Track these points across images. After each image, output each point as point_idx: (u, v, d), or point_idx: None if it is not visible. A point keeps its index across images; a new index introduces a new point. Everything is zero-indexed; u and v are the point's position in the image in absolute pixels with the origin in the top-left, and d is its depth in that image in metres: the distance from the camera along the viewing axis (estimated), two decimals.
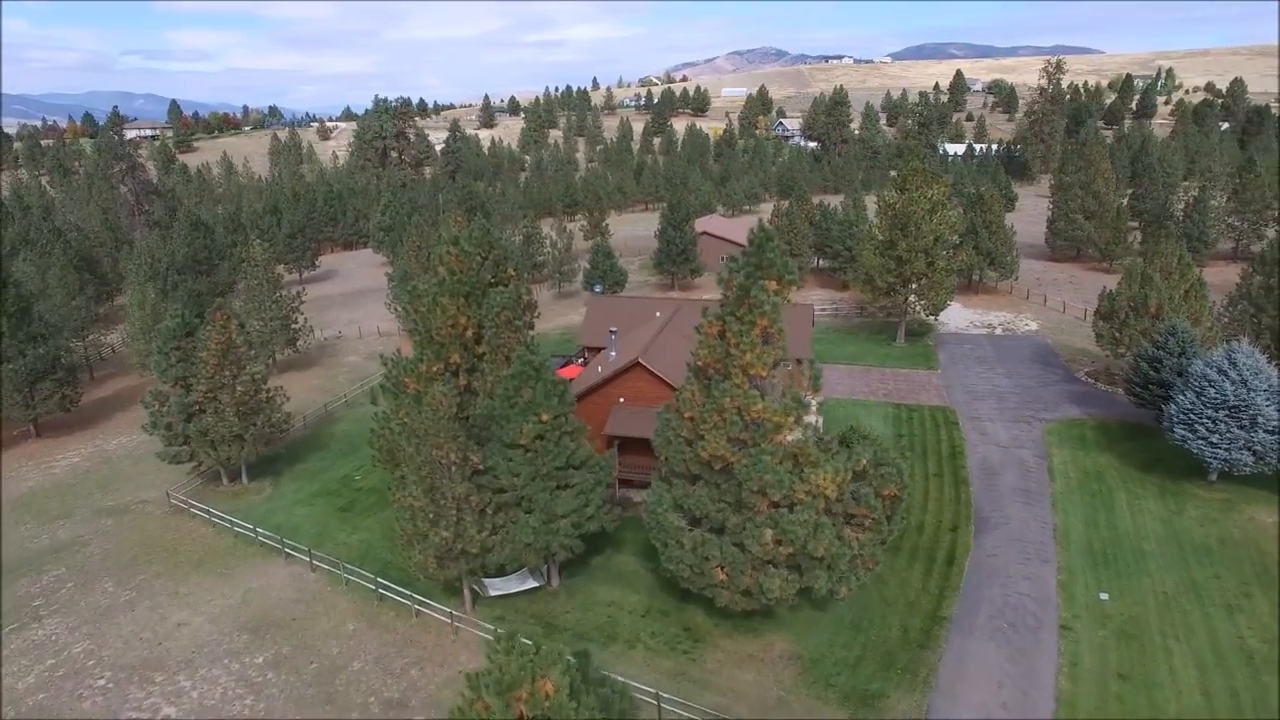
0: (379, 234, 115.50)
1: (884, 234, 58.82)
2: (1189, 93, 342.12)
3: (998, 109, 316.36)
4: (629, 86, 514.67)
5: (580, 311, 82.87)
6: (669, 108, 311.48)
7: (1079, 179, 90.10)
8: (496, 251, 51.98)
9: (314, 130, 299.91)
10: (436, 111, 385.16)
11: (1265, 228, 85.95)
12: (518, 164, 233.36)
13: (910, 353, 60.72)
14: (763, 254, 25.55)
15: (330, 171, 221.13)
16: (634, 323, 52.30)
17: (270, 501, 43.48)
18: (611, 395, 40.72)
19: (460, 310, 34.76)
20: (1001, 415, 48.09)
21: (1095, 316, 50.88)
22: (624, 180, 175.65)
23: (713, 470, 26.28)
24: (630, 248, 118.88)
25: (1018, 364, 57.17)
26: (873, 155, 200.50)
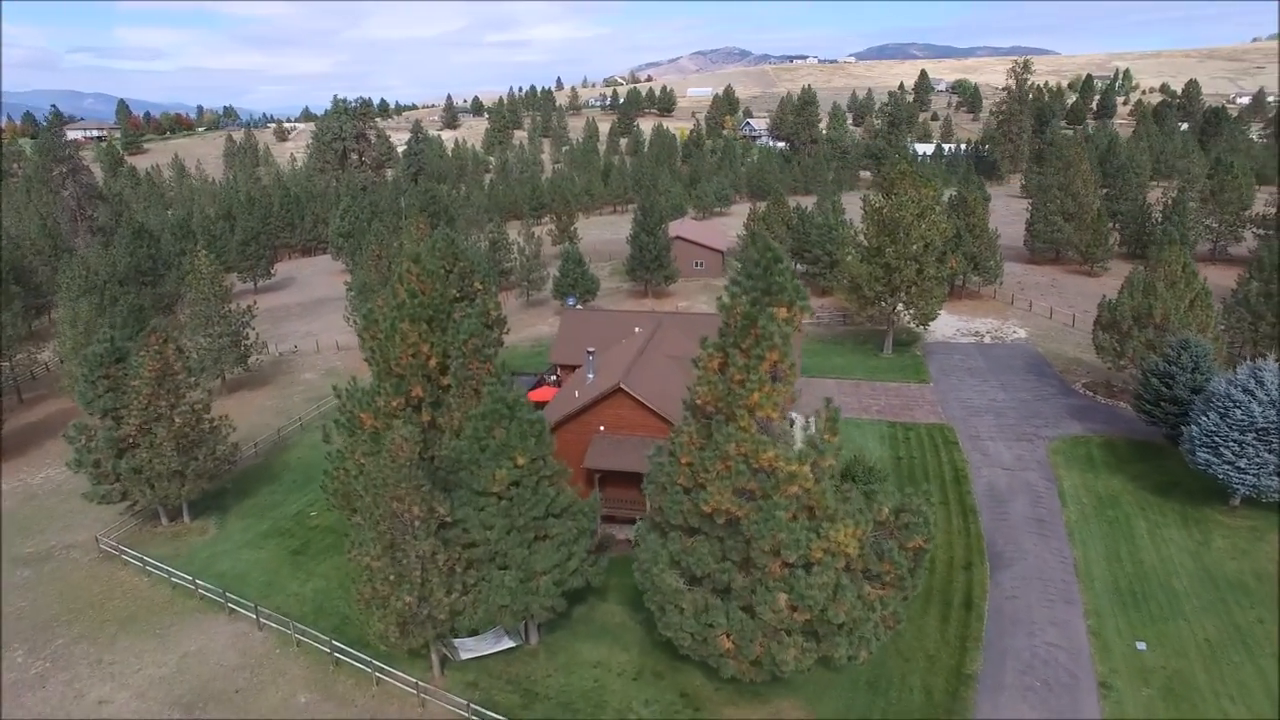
0: (338, 240, 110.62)
1: (871, 240, 56.11)
2: (1145, 93, 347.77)
3: (962, 109, 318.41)
4: (594, 86, 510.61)
5: (550, 321, 79.23)
6: (635, 108, 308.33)
7: (1057, 180, 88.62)
8: (462, 263, 48.33)
9: (271, 131, 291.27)
10: (399, 112, 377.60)
11: (1242, 229, 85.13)
12: (482, 166, 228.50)
13: (899, 364, 58.09)
14: (770, 276, 22.30)
15: (288, 174, 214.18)
16: (611, 339, 48.84)
17: (215, 544, 39.27)
18: (590, 423, 37.27)
19: (423, 337, 31.02)
20: (1002, 433, 45.53)
21: (1095, 327, 48.63)
22: (591, 182, 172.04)
23: (715, 523, 23.00)
24: (600, 252, 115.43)
25: (1011, 375, 54.81)
26: (842, 155, 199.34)
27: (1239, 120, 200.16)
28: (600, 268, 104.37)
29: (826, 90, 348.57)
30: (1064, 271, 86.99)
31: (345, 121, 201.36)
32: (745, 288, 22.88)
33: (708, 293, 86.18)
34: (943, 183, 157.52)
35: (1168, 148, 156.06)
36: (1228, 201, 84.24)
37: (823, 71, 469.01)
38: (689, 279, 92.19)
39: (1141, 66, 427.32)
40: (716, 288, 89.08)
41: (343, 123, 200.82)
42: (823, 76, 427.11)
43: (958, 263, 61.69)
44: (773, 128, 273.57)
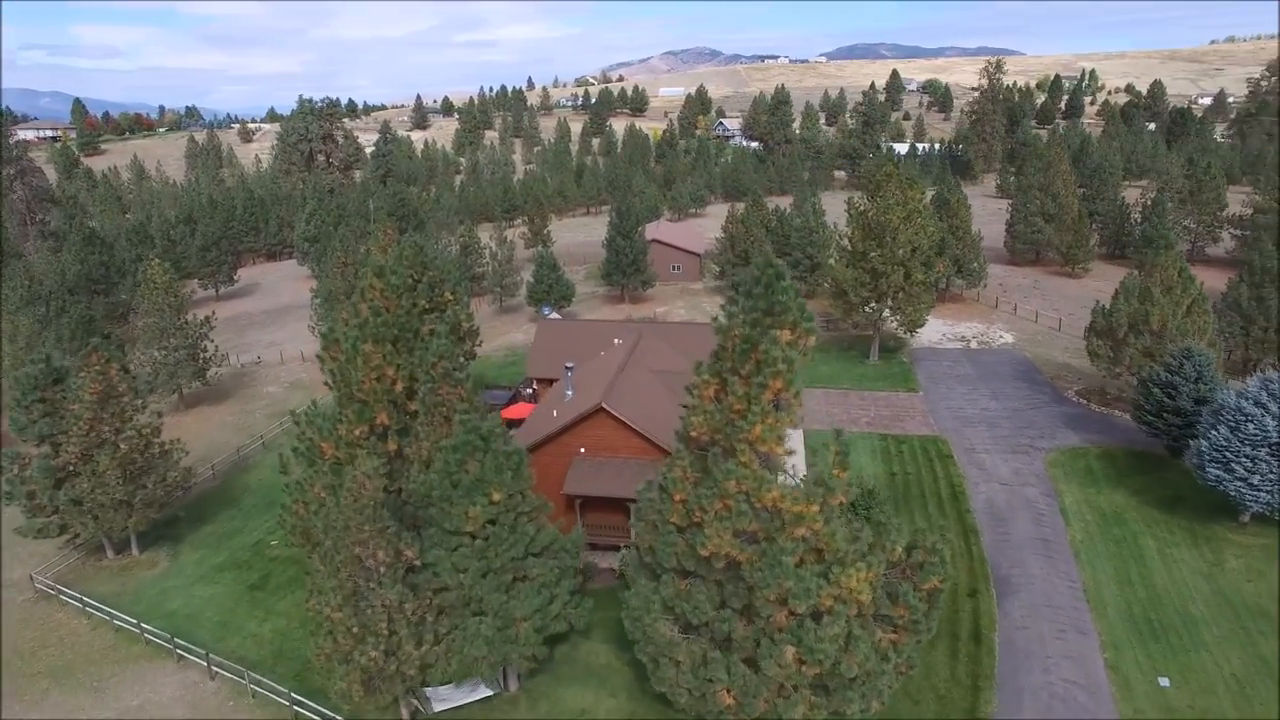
0: (303, 245, 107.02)
1: (856, 244, 54.33)
2: (1111, 94, 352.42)
3: (933, 108, 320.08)
4: (565, 86, 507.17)
5: (525, 329, 76.67)
6: (607, 108, 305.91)
7: (1037, 181, 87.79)
8: (431, 273, 45.74)
9: (235, 132, 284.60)
10: (367, 112, 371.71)
11: (1219, 229, 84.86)
12: (452, 167, 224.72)
13: (886, 372, 56.42)
14: (772, 295, 20.15)
15: (252, 176, 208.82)
16: (590, 351, 46.56)
17: (166, 578, 36.38)
18: (570, 445, 34.93)
19: (387, 359, 28.50)
20: (997, 445, 43.92)
21: (1088, 333, 47.23)
22: (564, 183, 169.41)
23: (714, 566, 20.83)
24: (574, 255, 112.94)
25: (1001, 383, 53.34)
26: (816, 155, 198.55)
27: (1204, 120, 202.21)
28: (575, 272, 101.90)
29: (798, 90, 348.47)
30: (1045, 273, 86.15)
31: (311, 122, 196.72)
32: (744, 307, 20.70)
33: (686, 297, 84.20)
34: (922, 182, 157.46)
35: (1138, 148, 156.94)
36: (1205, 202, 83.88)
37: (794, 71, 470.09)
38: (666, 283, 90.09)
39: (1106, 67, 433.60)
40: (695, 292, 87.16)
41: (308, 123, 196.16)
42: (794, 76, 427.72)
43: (945, 267, 60.19)
44: (746, 127, 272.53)
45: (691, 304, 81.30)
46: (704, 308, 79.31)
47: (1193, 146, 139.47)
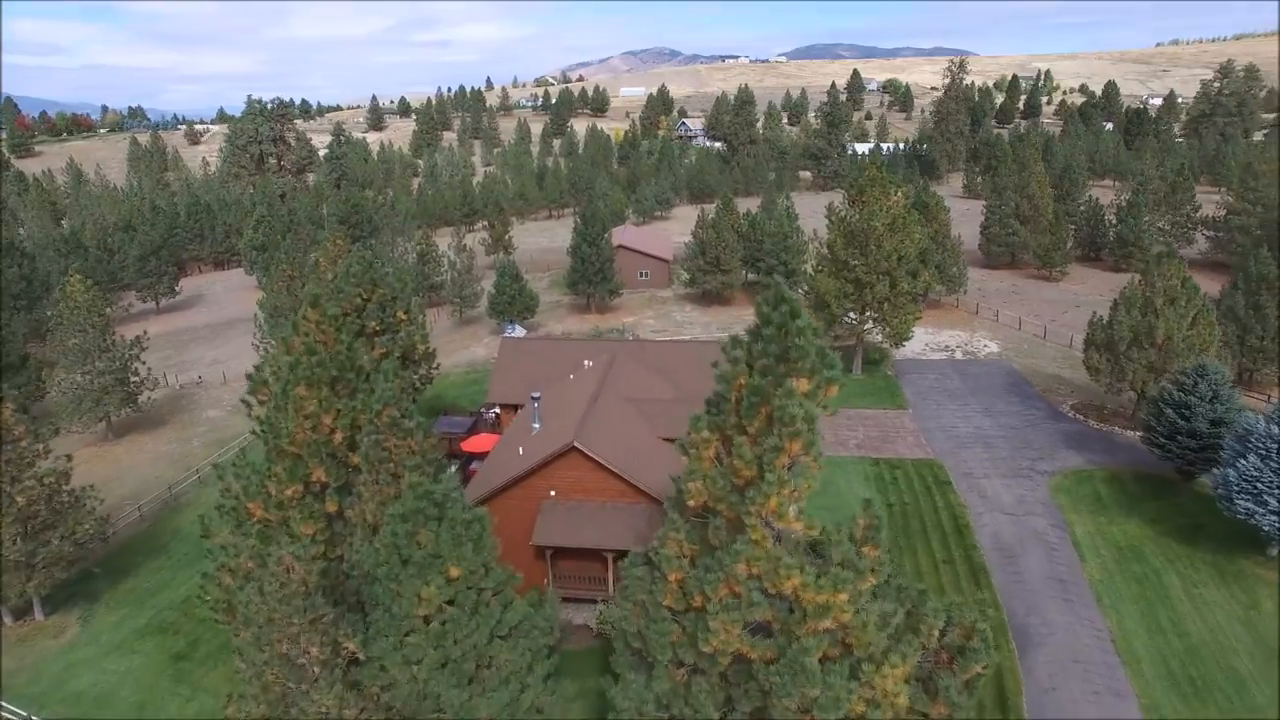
0: (251, 253, 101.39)
1: (838, 252, 51.27)
2: (1066, 94, 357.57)
3: (894, 108, 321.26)
4: (524, 86, 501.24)
5: (487, 343, 72.51)
6: (568, 108, 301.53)
7: (1012, 182, 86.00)
8: (382, 290, 41.52)
9: (183, 134, 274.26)
10: (321, 113, 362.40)
11: (1193, 231, 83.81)
12: (410, 169, 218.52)
13: (871, 386, 53.47)
14: (787, 337, 16.64)
15: (200, 180, 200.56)
16: (557, 373, 42.78)
17: (74, 649, 31.80)
18: (538, 488, 31.13)
19: (324, 405, 24.43)
20: (996, 468, 41.09)
21: (1087, 347, 44.68)
22: (525, 185, 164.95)
23: (718, 663, 17.28)
24: (537, 262, 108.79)
25: (992, 398, 50.71)
26: (780, 155, 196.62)
27: (1160, 120, 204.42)
28: (538, 280, 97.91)
29: (759, 89, 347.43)
30: (1021, 276, 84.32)
31: (261, 123, 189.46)
32: (751, 351, 17.17)
33: (655, 306, 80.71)
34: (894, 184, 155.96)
35: (1101, 148, 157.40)
36: (1179, 204, 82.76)
37: (754, 71, 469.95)
38: (634, 290, 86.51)
39: (1059, 68, 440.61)
40: (664, 300, 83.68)
41: (258, 125, 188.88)
42: (755, 75, 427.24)
43: (931, 277, 57.50)
44: (708, 127, 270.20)
45: (661, 313, 77.82)
46: (674, 317, 75.93)
47: (1159, 146, 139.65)
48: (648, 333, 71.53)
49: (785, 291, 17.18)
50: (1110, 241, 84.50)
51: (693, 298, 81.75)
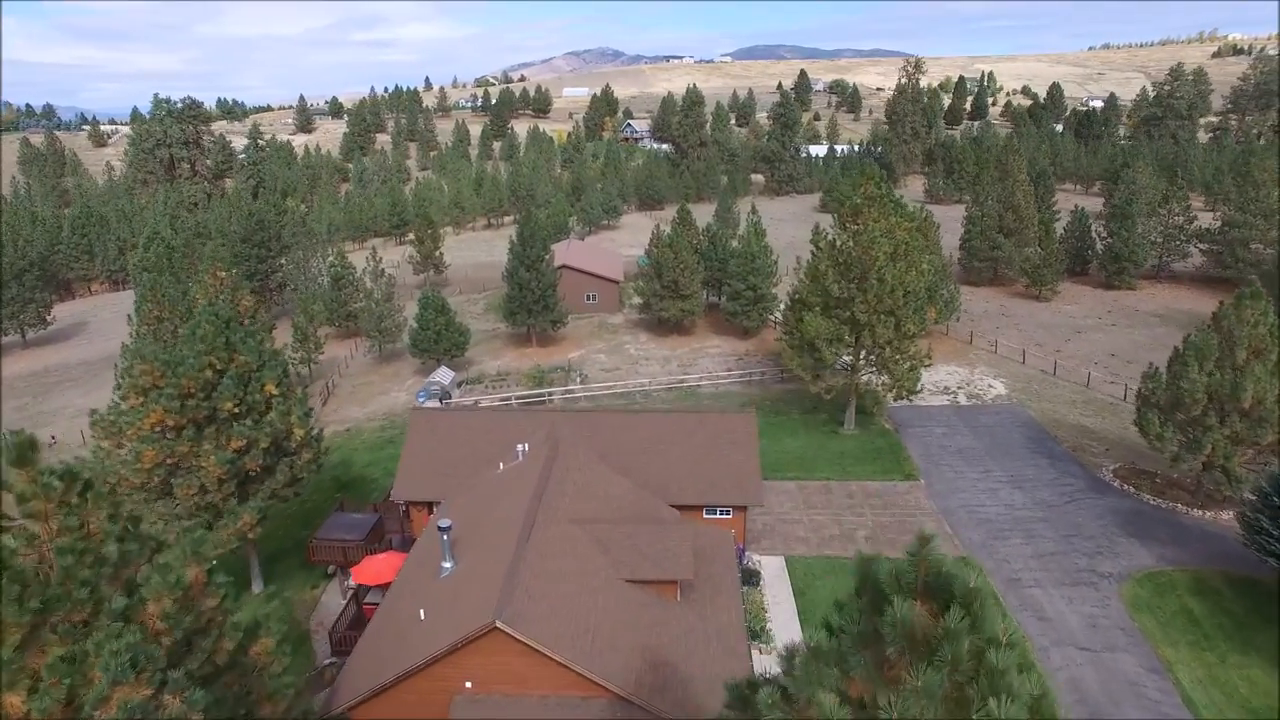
0: (140, 275, 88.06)
1: (830, 285, 42.03)
2: (1010, 95, 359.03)
3: (842, 109, 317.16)
4: (465, 87, 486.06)
5: (409, 385, 61.63)
6: (508, 108, 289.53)
7: (994, 192, 78.45)
8: (242, 359, 30.71)
9: (87, 135, 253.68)
10: (245, 115, 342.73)
11: (1187, 244, 77.38)
12: (339, 174, 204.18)
13: (870, 446, 44.45)
14: None
15: (103, 187, 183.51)
16: (483, 457, 32.65)
17: None
18: (448, 678, 20.93)
19: None
20: (1047, 570, 32.24)
21: (1144, 407, 36.20)
22: (461, 191, 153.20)
23: None
24: (473, 281, 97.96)
25: (1016, 460, 42.13)
26: (731, 158, 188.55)
27: (1109, 123, 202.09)
28: (472, 304, 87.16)
29: (706, 89, 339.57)
30: (1007, 295, 76.77)
31: (170, 124, 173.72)
32: None
33: (605, 336, 70.74)
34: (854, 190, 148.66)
35: (1061, 151, 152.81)
36: (1174, 214, 76.21)
37: (699, 71, 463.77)
38: (581, 315, 76.49)
39: (1000, 69, 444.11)
40: (615, 327, 73.70)
41: (166, 126, 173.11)
42: (700, 76, 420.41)
43: (937, 313, 48.90)
44: (655, 129, 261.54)
45: (613, 345, 67.94)
46: (628, 350, 66.10)
47: (1130, 149, 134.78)
48: (598, 370, 61.64)
49: (871, 566, 7.49)
50: (1099, 255, 77.59)
51: (647, 324, 72.11)
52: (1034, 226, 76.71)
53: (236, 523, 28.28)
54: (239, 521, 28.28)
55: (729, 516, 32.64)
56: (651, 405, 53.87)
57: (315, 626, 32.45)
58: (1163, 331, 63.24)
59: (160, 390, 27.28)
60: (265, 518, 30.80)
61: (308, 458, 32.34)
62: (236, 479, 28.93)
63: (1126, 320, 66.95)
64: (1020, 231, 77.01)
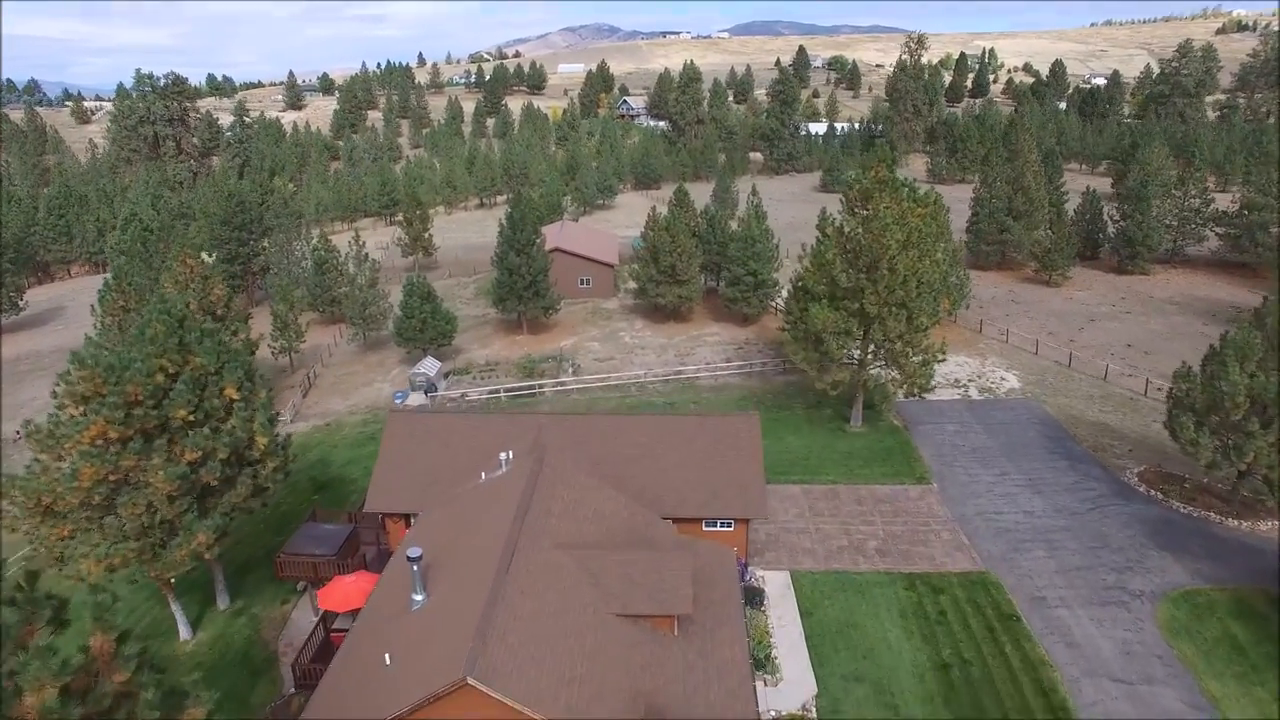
0: (117, 259, 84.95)
1: (838, 275, 39.34)
2: (1011, 72, 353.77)
3: (841, 85, 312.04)
4: (459, 63, 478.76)
5: (394, 375, 58.96)
6: (502, 85, 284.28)
7: (1004, 173, 75.50)
8: (198, 361, 28.04)
9: (70, 111, 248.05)
10: (233, 91, 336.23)
11: (1204, 228, 74.59)
12: (330, 152, 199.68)
13: (878, 445, 41.97)
14: None
15: (85, 166, 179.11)
16: (463, 466, 30.13)
17: None
18: None
19: None
20: (1073, 588, 29.86)
21: (1176, 410, 33.65)
22: (453, 170, 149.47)
23: None
24: (463, 264, 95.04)
25: (1033, 460, 39.69)
26: (729, 135, 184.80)
27: (1113, 101, 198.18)
28: (462, 288, 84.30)
29: (703, 66, 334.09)
30: (1016, 280, 74.07)
31: (154, 101, 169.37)
32: None
33: (599, 322, 68.03)
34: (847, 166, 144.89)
35: (1066, 129, 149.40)
36: (1190, 196, 73.35)
37: (697, 47, 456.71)
38: (574, 300, 73.75)
39: (1001, 46, 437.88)
40: (609, 313, 70.96)
41: (150, 103, 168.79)
42: (697, 52, 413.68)
43: (950, 304, 46.27)
44: (651, 106, 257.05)
45: (607, 332, 65.25)
46: (622, 338, 63.43)
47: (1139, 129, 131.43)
48: (591, 360, 59.00)
49: None
50: (1111, 239, 74.83)
51: (643, 310, 69.33)
52: (1044, 209, 73.91)
53: (191, 542, 25.67)
54: (194, 541, 25.67)
55: (730, 529, 30.20)
56: (647, 398, 51.32)
57: (284, 647, 30.05)
58: (1180, 320, 60.69)
59: (103, 399, 24.56)
60: (225, 534, 28.23)
61: (273, 467, 29.68)
62: (191, 494, 26.28)
63: (1141, 308, 64.35)
64: (1030, 214, 74.17)
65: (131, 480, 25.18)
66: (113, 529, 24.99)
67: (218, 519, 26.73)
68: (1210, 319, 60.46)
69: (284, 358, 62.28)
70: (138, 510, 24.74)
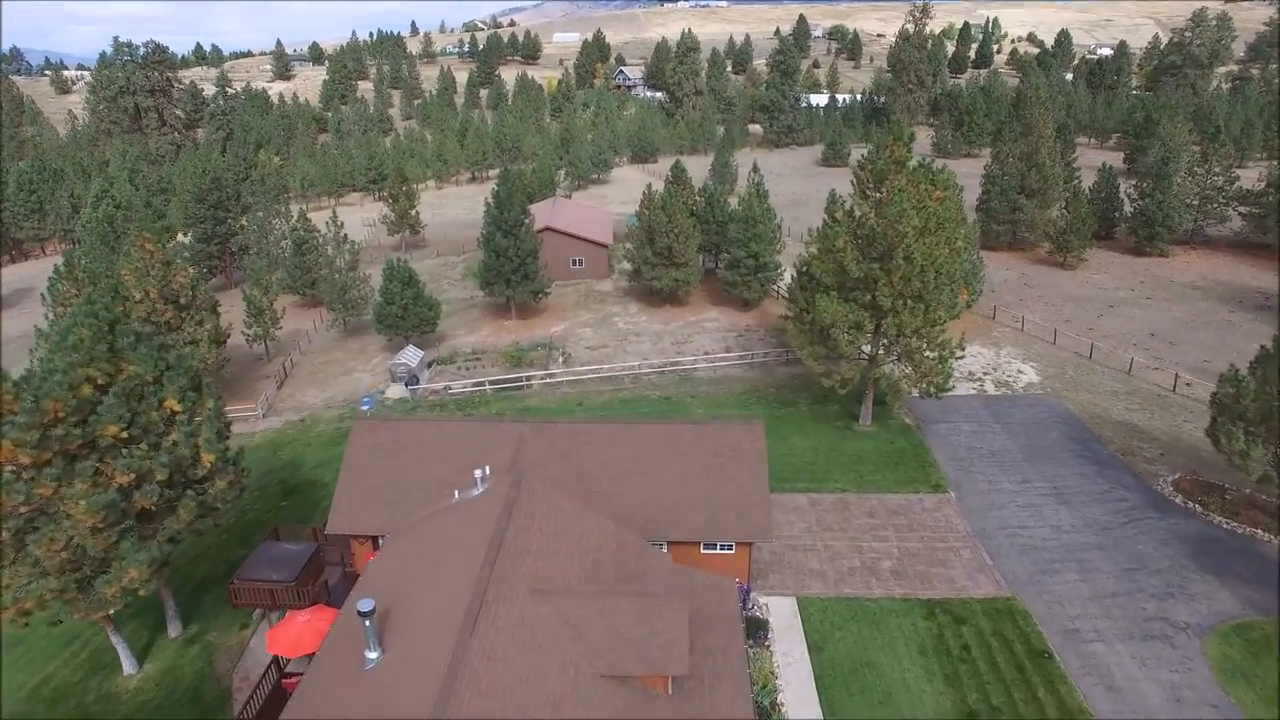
0: (88, 237, 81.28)
1: (849, 263, 36.07)
2: (1015, 42, 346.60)
3: (842, 56, 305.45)
4: (452, 32, 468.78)
5: (375, 366, 55.81)
6: (496, 55, 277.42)
7: (1017, 149, 71.85)
8: (133, 371, 24.88)
9: (49, 81, 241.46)
10: (220, 61, 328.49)
11: (1227, 207, 71.07)
12: (318, 124, 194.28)
13: (889, 447, 38.98)
14: None
15: (66, 137, 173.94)
16: (434, 482, 27.14)
17: None
18: None
19: None
20: (1109, 618, 27.00)
21: (1218, 412, 30.61)
22: (444, 144, 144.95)
23: None
24: (452, 241, 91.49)
25: (1057, 465, 36.73)
26: (728, 107, 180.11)
27: (1122, 73, 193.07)
28: (450, 268, 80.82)
29: (701, 35, 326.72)
30: (1029, 262, 70.76)
31: (133, 71, 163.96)
32: None
33: (592, 306, 64.73)
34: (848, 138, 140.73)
35: (1075, 102, 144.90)
36: (1214, 173, 69.77)
37: (695, 15, 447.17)
38: (566, 282, 70.40)
39: (1006, 16, 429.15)
40: (603, 296, 67.63)
41: (129, 73, 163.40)
42: (696, 21, 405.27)
43: (969, 295, 43.08)
44: (648, 77, 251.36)
45: (600, 316, 61.99)
46: (616, 324, 60.18)
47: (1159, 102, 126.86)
48: (583, 348, 55.83)
49: None
50: (1129, 218, 71.36)
51: (639, 293, 66.04)
52: (1059, 186, 70.40)
53: (122, 578, 22.65)
54: (125, 577, 22.64)
55: (731, 552, 27.28)
56: (642, 391, 48.25)
57: (239, 682, 27.24)
58: (1204, 307, 57.53)
59: (13, 420, 21.38)
60: (167, 563, 25.23)
61: (222, 485, 26.58)
62: (121, 524, 23.18)
63: (1163, 292, 61.15)
64: (1043, 192, 70.69)
65: (49, 511, 22.08)
66: (26, 566, 21.93)
67: (154, 550, 23.67)
68: (1236, 305, 57.33)
69: (259, 345, 59.07)
70: (56, 547, 21.66)
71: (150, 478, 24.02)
